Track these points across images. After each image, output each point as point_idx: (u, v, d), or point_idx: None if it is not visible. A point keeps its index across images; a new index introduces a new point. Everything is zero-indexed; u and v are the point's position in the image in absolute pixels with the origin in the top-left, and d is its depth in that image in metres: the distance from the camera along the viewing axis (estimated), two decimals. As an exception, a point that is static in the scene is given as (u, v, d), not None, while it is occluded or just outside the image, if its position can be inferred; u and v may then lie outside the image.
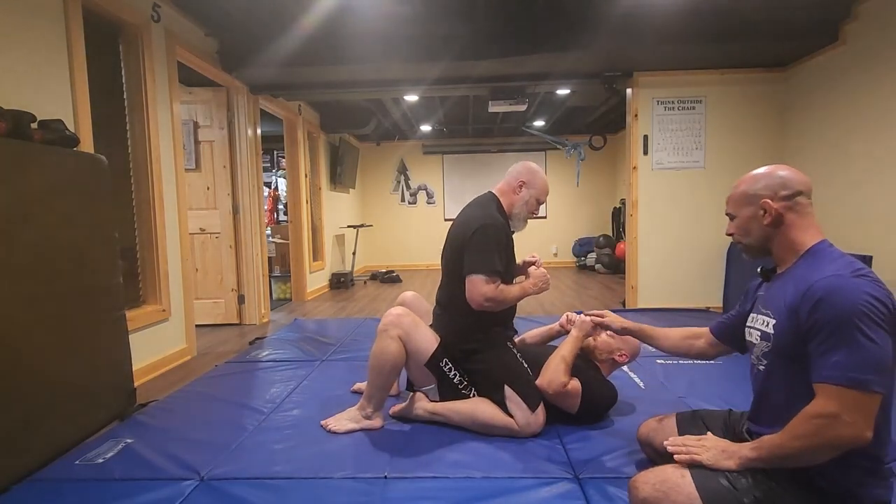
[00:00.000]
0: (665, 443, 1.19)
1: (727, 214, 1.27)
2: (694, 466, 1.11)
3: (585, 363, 1.94)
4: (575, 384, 1.82)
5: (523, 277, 2.04)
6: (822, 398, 1.00)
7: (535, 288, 1.94)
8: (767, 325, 1.15)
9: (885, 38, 3.03)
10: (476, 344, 1.89)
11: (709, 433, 1.21)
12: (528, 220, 2.04)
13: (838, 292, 0.99)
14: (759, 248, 1.21)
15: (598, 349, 1.95)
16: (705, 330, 1.48)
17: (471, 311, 1.84)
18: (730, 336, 1.40)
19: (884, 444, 1.05)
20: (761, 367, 1.19)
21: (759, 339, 1.18)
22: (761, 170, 1.21)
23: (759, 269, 1.30)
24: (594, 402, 1.88)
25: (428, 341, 1.87)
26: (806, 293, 1.04)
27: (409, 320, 1.86)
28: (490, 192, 2.03)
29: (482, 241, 1.82)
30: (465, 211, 2.01)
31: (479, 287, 1.79)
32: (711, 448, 1.13)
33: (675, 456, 1.14)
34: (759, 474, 1.08)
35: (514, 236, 2.00)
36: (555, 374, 1.78)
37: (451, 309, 1.94)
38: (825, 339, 1.00)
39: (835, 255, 1.09)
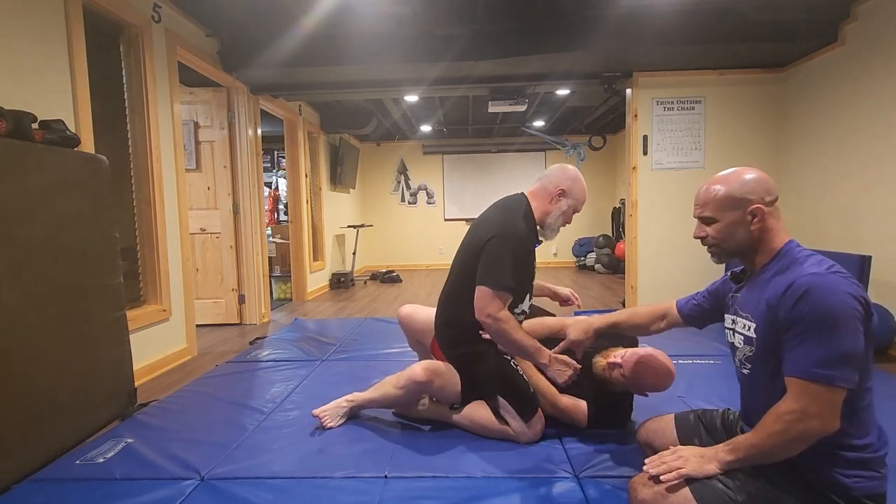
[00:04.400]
0: (645, 468, 1.17)
1: (702, 217, 1.22)
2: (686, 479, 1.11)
3: (601, 385, 1.82)
4: (572, 402, 1.81)
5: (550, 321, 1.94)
6: (790, 394, 1.04)
7: (549, 368, 1.67)
8: (748, 328, 1.17)
9: (884, 38, 3.03)
10: (472, 347, 1.82)
11: (672, 445, 1.23)
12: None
13: (820, 290, 1.02)
14: (736, 252, 1.21)
15: (613, 383, 1.77)
16: (669, 311, 1.50)
17: (472, 316, 1.77)
18: (697, 320, 1.45)
19: (867, 434, 1.07)
20: (745, 371, 1.21)
21: (742, 342, 1.20)
22: (736, 171, 1.19)
23: (729, 274, 1.31)
24: (605, 417, 1.84)
25: (455, 391, 1.84)
26: (788, 290, 1.06)
27: (435, 386, 1.80)
28: (522, 194, 1.87)
29: (497, 251, 1.70)
30: (488, 211, 1.88)
31: (484, 300, 1.67)
32: (690, 458, 1.14)
33: (663, 477, 1.11)
34: (750, 471, 1.09)
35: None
36: (548, 393, 1.80)
37: (453, 309, 1.87)
38: (798, 333, 1.03)
39: (805, 252, 1.13)
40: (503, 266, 1.68)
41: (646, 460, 1.19)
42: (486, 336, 1.78)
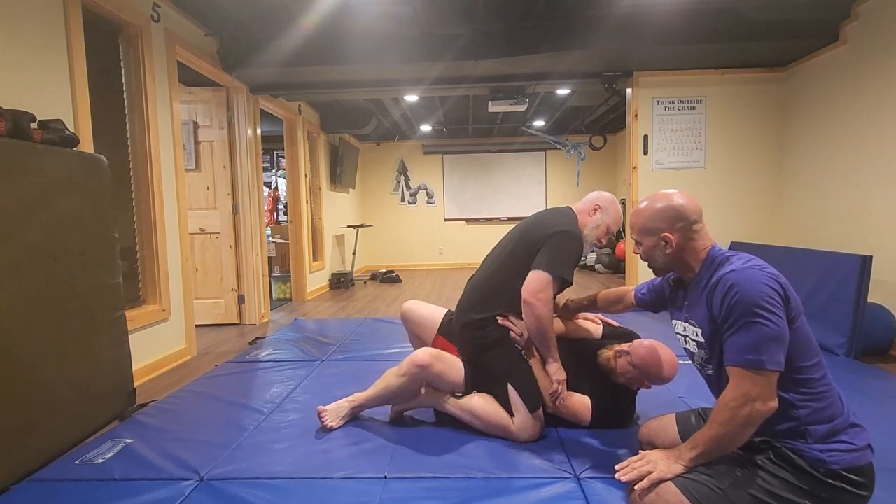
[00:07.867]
0: (616, 476, 1.26)
1: (633, 239, 1.39)
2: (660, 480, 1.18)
3: (604, 381, 1.86)
4: (576, 399, 1.81)
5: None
6: (731, 383, 1.14)
7: (554, 371, 1.78)
8: (697, 334, 1.27)
9: (885, 38, 3.03)
10: (496, 332, 1.84)
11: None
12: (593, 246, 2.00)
13: (740, 283, 1.13)
14: (665, 269, 1.37)
15: (617, 373, 1.81)
16: (626, 296, 1.76)
17: (511, 307, 1.82)
18: (647, 307, 1.65)
19: (829, 403, 1.14)
20: (710, 373, 1.29)
21: (696, 348, 1.30)
22: (659, 203, 1.31)
23: (671, 280, 1.45)
24: (607, 414, 1.85)
25: (455, 379, 1.86)
26: (716, 290, 1.18)
27: (437, 370, 1.82)
28: (569, 207, 1.99)
29: (561, 245, 1.79)
30: (545, 214, 1.97)
31: (539, 282, 1.73)
32: (658, 461, 1.21)
33: (637, 486, 1.19)
34: (732, 457, 1.17)
35: None
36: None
37: (492, 301, 1.88)
38: (730, 325, 1.14)
39: (726, 254, 1.25)
40: (566, 260, 1.79)
41: (616, 467, 1.27)
42: (504, 323, 1.85)
